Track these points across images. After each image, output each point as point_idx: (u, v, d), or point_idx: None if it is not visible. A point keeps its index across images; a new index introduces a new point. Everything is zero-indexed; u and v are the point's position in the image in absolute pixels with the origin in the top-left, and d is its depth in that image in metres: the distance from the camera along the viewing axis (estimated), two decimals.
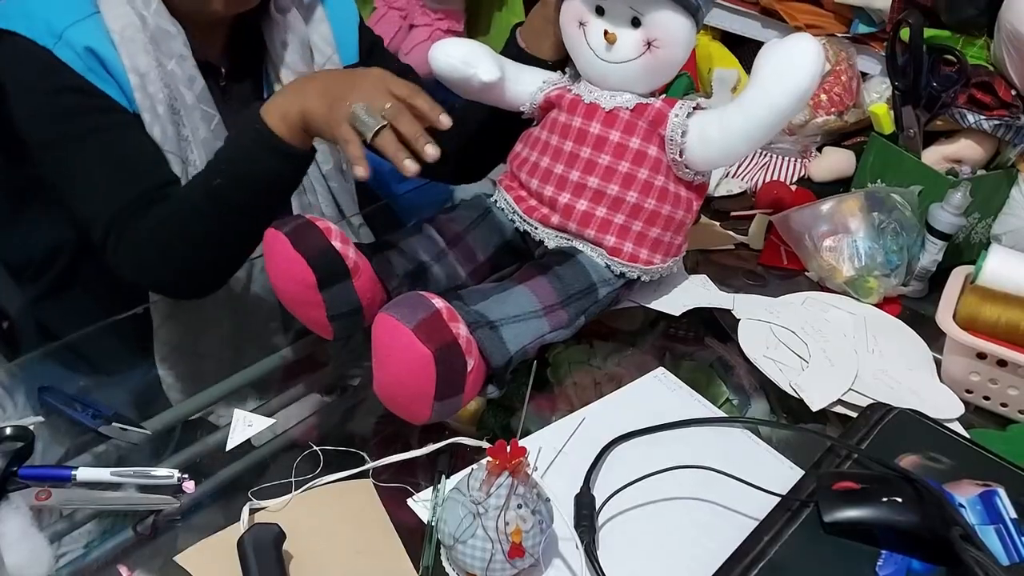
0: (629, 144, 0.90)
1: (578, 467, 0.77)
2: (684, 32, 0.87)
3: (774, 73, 0.85)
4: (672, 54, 0.89)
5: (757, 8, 1.52)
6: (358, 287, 0.84)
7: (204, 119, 0.99)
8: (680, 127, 0.89)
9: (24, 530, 0.68)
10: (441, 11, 1.75)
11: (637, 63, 0.89)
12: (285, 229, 0.83)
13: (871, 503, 0.68)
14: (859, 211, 1.07)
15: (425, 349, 0.72)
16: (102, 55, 0.91)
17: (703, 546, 0.72)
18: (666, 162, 0.91)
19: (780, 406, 0.90)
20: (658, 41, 0.87)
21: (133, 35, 0.92)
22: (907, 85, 1.10)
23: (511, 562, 0.64)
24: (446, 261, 0.93)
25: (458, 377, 0.74)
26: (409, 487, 0.75)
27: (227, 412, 0.85)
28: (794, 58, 0.84)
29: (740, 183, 1.31)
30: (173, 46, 0.95)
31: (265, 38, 1.05)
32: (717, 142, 0.89)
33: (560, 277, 0.88)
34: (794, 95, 0.85)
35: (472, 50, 0.94)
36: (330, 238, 0.83)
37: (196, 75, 0.98)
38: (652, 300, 0.99)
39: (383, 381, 0.77)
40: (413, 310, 0.74)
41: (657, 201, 0.91)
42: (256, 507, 0.72)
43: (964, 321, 0.92)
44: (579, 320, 0.88)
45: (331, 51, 1.08)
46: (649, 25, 0.87)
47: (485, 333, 0.78)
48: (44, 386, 0.85)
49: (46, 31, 0.89)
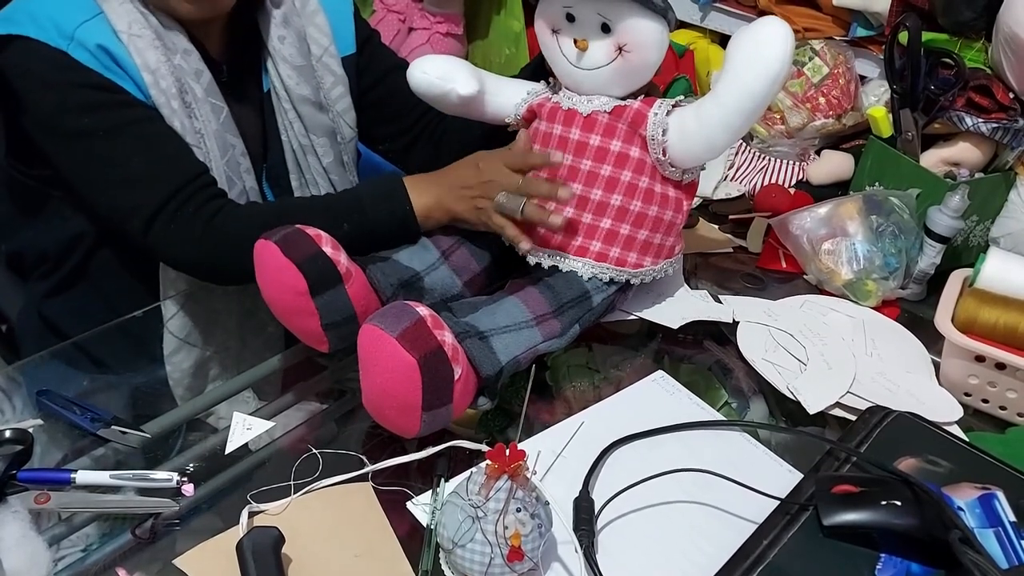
0: (610, 147, 0.90)
1: (577, 470, 0.77)
2: (654, 35, 0.87)
3: (745, 59, 0.84)
4: (644, 57, 0.88)
5: (755, 11, 1.53)
6: (351, 293, 0.84)
7: (214, 112, 1.00)
8: (660, 125, 0.89)
9: (23, 533, 0.68)
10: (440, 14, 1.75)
11: (609, 68, 0.89)
12: (275, 238, 0.83)
13: (870, 506, 0.68)
14: (857, 214, 1.07)
15: (409, 357, 0.71)
16: (114, 52, 0.92)
17: (702, 549, 0.72)
18: (650, 163, 0.90)
19: (779, 409, 0.90)
20: (629, 45, 0.87)
21: (139, 31, 0.93)
22: (905, 88, 1.10)
23: (510, 566, 0.64)
24: (441, 271, 0.93)
25: (445, 385, 0.74)
26: (408, 490, 0.75)
27: (226, 415, 0.85)
28: (762, 42, 0.83)
29: (738, 186, 1.31)
30: (177, 41, 0.96)
31: (262, 33, 1.05)
32: (696, 135, 0.88)
33: (551, 287, 0.87)
34: (767, 78, 0.83)
35: (450, 66, 0.94)
36: (320, 244, 0.83)
37: (202, 68, 0.99)
38: (652, 313, 0.99)
39: (370, 393, 0.76)
40: (397, 319, 0.73)
41: (643, 203, 0.91)
42: (255, 510, 0.72)
43: (962, 324, 0.92)
44: (573, 329, 0.88)
45: (327, 42, 1.08)
46: (619, 31, 0.86)
47: (474, 343, 0.78)
48: (42, 389, 0.85)
49: (57, 33, 0.90)
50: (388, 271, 0.89)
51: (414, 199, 0.94)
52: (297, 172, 1.12)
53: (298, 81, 1.06)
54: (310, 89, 1.07)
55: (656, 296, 1.01)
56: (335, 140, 1.12)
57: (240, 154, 1.03)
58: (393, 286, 0.88)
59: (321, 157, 1.12)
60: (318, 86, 1.08)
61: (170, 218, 0.91)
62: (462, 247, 0.95)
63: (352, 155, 1.16)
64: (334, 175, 1.14)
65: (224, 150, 1.00)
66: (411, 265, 0.91)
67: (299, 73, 1.06)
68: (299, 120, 1.08)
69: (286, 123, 1.09)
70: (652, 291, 1.00)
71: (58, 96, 0.90)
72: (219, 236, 0.92)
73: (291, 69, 1.06)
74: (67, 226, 1.04)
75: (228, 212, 0.94)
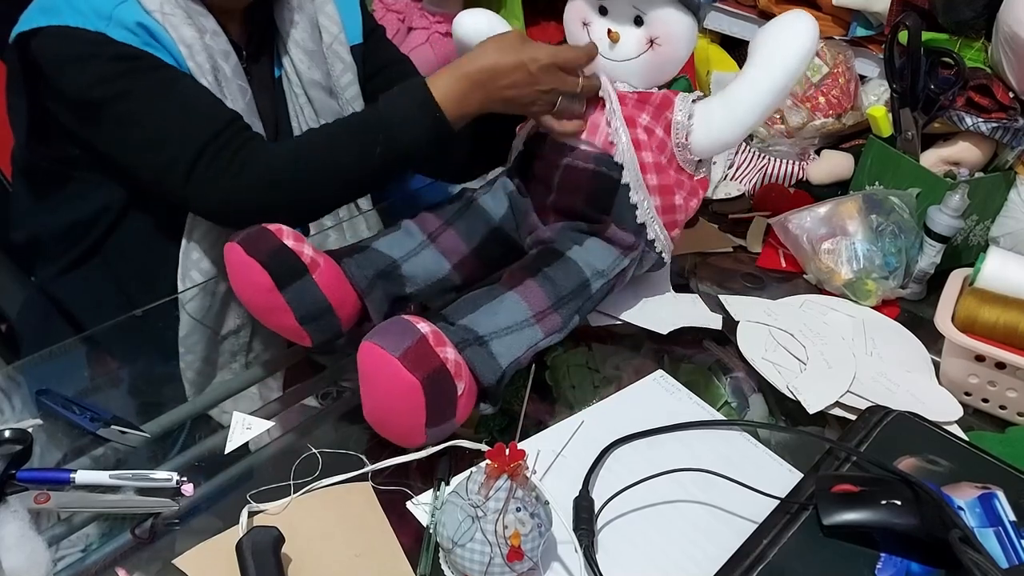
0: (639, 119, 0.91)
1: (577, 470, 0.77)
2: (686, 29, 0.89)
3: (774, 40, 0.89)
4: (674, 51, 0.90)
5: (755, 11, 1.53)
6: (321, 284, 0.84)
7: (241, 92, 1.02)
8: (687, 111, 0.91)
9: (22, 533, 0.68)
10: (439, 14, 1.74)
11: (640, 60, 0.90)
12: (238, 238, 0.83)
13: (870, 506, 0.68)
14: (857, 214, 1.07)
15: (412, 378, 0.71)
16: (152, 28, 0.93)
17: (702, 549, 0.72)
18: (670, 147, 0.92)
19: (779, 408, 0.90)
20: (660, 39, 0.88)
21: (172, 10, 0.95)
22: (905, 88, 1.10)
23: (510, 565, 0.64)
24: (425, 255, 0.92)
25: (449, 403, 0.74)
26: (408, 490, 0.75)
27: (226, 414, 0.85)
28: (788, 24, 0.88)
29: (738, 186, 1.31)
30: (206, 23, 0.98)
31: (275, 17, 1.08)
32: (723, 118, 0.91)
33: (551, 279, 0.86)
34: (797, 54, 0.87)
35: (499, 21, 0.96)
36: (281, 237, 0.83)
37: (229, 49, 1.01)
38: (640, 318, 0.99)
39: (372, 409, 0.76)
40: (398, 337, 0.73)
41: (659, 178, 0.92)
42: (255, 510, 0.72)
43: (962, 323, 0.92)
44: (573, 320, 0.88)
45: (337, 29, 1.11)
46: (652, 23, 0.88)
47: (474, 351, 0.78)
48: (42, 389, 0.85)
49: (96, 16, 0.91)
50: (363, 262, 0.88)
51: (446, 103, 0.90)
52: None
53: (309, 66, 1.08)
54: (321, 74, 1.09)
55: (644, 300, 1.01)
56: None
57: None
58: (368, 277, 0.87)
59: None
60: (328, 72, 1.10)
61: (207, 165, 0.91)
62: (450, 228, 0.95)
63: None
64: None
65: None
66: (389, 253, 0.91)
67: (311, 58, 1.08)
68: (309, 105, 1.10)
69: (297, 108, 1.10)
70: (639, 295, 1.00)
71: (96, 68, 0.91)
72: (257, 178, 0.91)
73: (303, 54, 1.08)
74: (85, 205, 1.04)
75: (262, 153, 0.93)
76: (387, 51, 1.19)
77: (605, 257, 0.91)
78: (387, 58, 1.18)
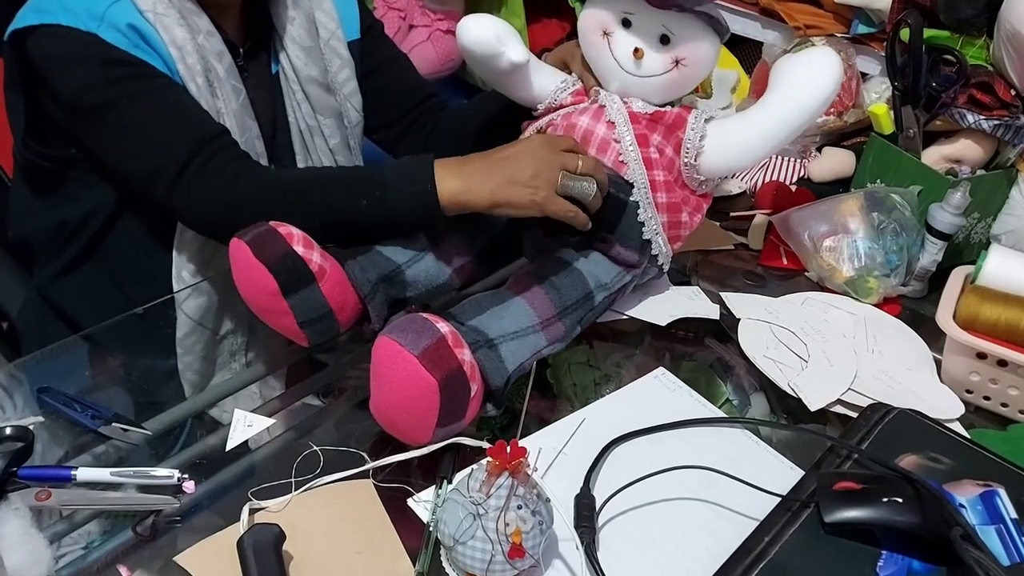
0: (651, 137, 0.91)
1: (578, 467, 0.77)
2: (711, 52, 0.89)
3: (800, 77, 0.88)
4: (697, 72, 0.90)
5: (757, 8, 1.52)
6: (325, 291, 0.83)
7: (235, 92, 1.01)
8: (699, 131, 0.90)
9: (24, 531, 0.68)
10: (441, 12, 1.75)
11: (663, 79, 0.90)
12: (247, 237, 0.82)
13: (871, 503, 0.68)
14: (859, 211, 1.07)
15: (431, 378, 0.71)
16: (143, 31, 0.93)
17: (703, 546, 0.72)
18: (678, 166, 0.92)
19: (780, 406, 0.90)
20: (686, 60, 0.88)
21: (164, 11, 0.95)
22: (906, 85, 1.10)
23: (511, 563, 0.64)
24: (426, 261, 0.92)
25: (461, 404, 0.74)
26: (409, 487, 0.75)
27: (231, 410, 0.85)
28: (816, 64, 0.88)
29: (739, 183, 1.31)
30: (200, 22, 0.98)
31: (272, 14, 1.08)
32: (736, 143, 0.90)
33: (557, 288, 0.86)
34: (819, 97, 0.87)
35: (508, 30, 0.93)
36: (291, 243, 0.82)
37: (224, 49, 1.00)
38: (639, 311, 0.99)
39: (383, 406, 0.76)
40: (418, 335, 0.72)
41: (667, 195, 0.92)
42: (256, 507, 0.72)
43: (964, 321, 0.92)
44: (575, 330, 0.88)
45: (334, 25, 1.10)
46: (679, 44, 0.87)
47: (485, 353, 0.77)
48: (43, 387, 0.85)
49: (88, 16, 0.91)
50: (367, 266, 0.88)
51: (443, 183, 0.87)
52: (304, 153, 1.13)
53: (306, 62, 1.08)
54: (318, 70, 1.09)
55: (642, 294, 1.00)
56: (342, 123, 1.14)
57: (255, 137, 1.05)
58: (371, 282, 0.87)
59: (328, 138, 1.13)
60: (325, 68, 1.10)
61: (193, 176, 0.91)
62: (451, 234, 0.94)
63: (359, 140, 1.18)
64: (340, 157, 1.16)
65: (242, 131, 1.02)
66: (392, 258, 0.90)
67: (307, 54, 1.08)
68: (307, 101, 1.10)
69: (294, 104, 1.10)
70: (639, 288, 1.00)
71: (86, 73, 0.92)
72: (242, 195, 0.91)
73: (300, 50, 1.08)
74: (81, 205, 1.04)
75: (252, 172, 0.93)
76: (385, 48, 1.19)
77: (609, 270, 0.91)
78: (385, 55, 1.18)
